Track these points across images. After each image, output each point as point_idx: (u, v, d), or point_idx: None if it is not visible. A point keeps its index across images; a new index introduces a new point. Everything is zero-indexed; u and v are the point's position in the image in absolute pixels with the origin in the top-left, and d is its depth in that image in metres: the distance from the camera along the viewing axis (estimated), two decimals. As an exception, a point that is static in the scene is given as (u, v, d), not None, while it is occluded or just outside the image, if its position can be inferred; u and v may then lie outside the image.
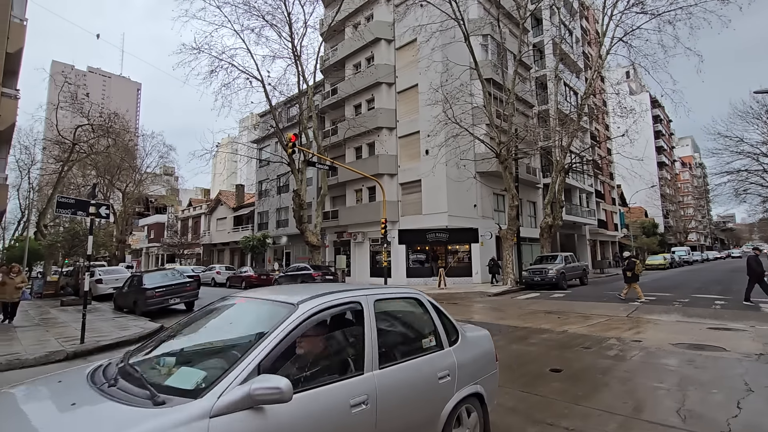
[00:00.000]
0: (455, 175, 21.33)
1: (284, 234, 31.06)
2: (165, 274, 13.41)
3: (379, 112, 23.98)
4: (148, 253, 54.49)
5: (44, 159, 29.28)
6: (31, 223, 37.15)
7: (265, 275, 23.80)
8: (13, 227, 47.78)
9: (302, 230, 22.37)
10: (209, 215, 43.50)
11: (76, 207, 7.62)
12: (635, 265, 13.74)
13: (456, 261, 23.17)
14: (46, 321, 11.09)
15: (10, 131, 14.46)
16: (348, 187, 26.38)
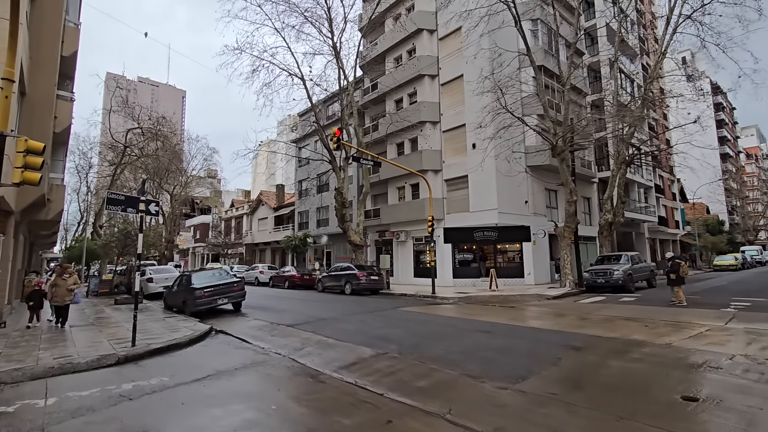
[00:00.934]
0: (505, 169, 20.01)
1: (325, 233, 30.81)
2: (212, 273, 13.22)
3: (422, 106, 23.05)
4: (194, 253, 56.46)
5: (100, 163, 30.65)
6: (89, 224, 39.33)
7: (308, 275, 23.51)
8: (74, 228, 51.00)
9: (344, 229, 21.89)
10: (251, 215, 44.28)
11: (126, 204, 7.30)
12: (680, 266, 12.27)
13: (505, 261, 21.83)
14: (100, 320, 11.08)
15: (66, 133, 14.82)
16: (390, 185, 25.64)
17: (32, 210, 12.79)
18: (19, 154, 6.12)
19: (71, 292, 9.84)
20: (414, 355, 6.43)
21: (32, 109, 10.83)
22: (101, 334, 8.83)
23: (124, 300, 15.20)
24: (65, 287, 9.64)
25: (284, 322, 10.42)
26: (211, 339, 8.68)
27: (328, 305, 14.14)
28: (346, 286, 18.46)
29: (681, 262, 12.61)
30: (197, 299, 11.64)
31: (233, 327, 10.06)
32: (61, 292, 9.59)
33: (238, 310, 13.05)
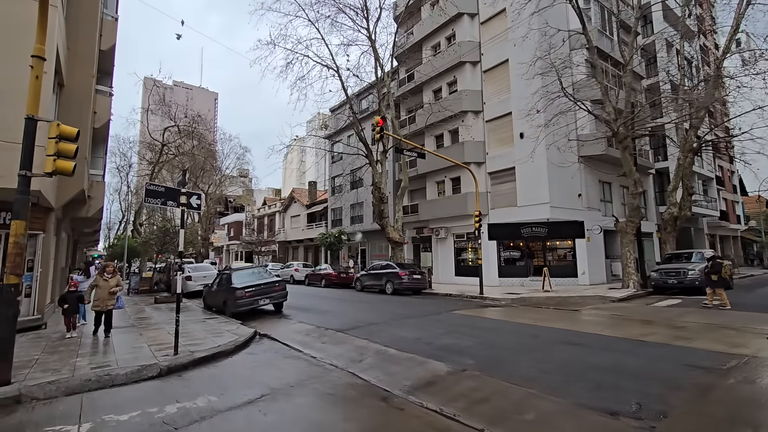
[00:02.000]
0: (557, 160, 18.46)
1: (359, 230, 30.03)
2: (251, 272, 12.56)
3: (463, 95, 21.72)
4: (228, 250, 57.29)
5: (139, 162, 31.13)
6: (129, 222, 40.41)
7: (344, 273, 22.76)
8: (116, 227, 52.81)
9: (383, 226, 20.95)
10: (283, 213, 44.19)
11: (165, 196, 6.58)
12: (722, 267, 11.37)
13: (556, 259, 20.25)
14: (141, 321, 10.60)
15: (105, 129, 14.57)
16: (428, 179, 24.46)
17: (73, 207, 12.53)
18: (51, 140, 5.45)
19: (114, 295, 8.37)
20: (500, 374, 5.33)
21: (70, 101, 10.43)
22: (141, 338, 8.23)
23: (164, 299, 14.87)
24: (107, 289, 8.22)
25: (331, 326, 9.55)
26: (257, 345, 7.90)
27: (374, 307, 13.21)
28: (387, 286, 17.52)
29: (723, 263, 12.00)
30: (238, 300, 10.97)
31: (278, 331, 9.28)
32: (103, 294, 8.22)
33: (280, 311, 12.35)
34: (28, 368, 5.89)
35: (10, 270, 5.11)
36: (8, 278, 5.10)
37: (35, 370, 5.80)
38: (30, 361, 6.30)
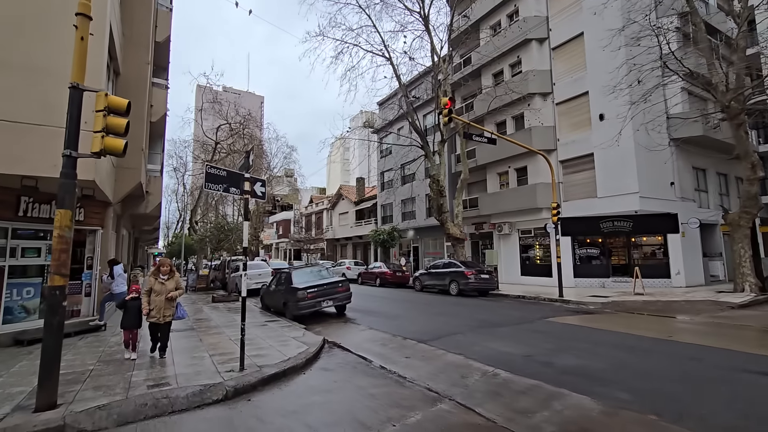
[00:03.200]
0: (647, 144, 16.04)
1: (411, 227, 28.66)
2: (311, 271, 11.57)
3: (530, 76, 19.65)
4: (277, 248, 58.13)
5: (193, 161, 31.72)
6: (186, 222, 41.75)
7: (400, 271, 21.53)
8: (174, 226, 55.19)
9: (442, 221, 19.44)
10: (331, 210, 43.80)
11: (227, 181, 5.56)
12: None
13: (642, 257, 17.74)
14: (200, 323, 9.88)
15: (162, 124, 14.23)
16: (489, 171, 22.59)
17: (131, 202, 12.17)
18: (99, 114, 4.52)
19: (172, 302, 6.30)
20: (686, 422, 3.73)
21: (127, 91, 9.89)
22: (201, 344, 7.36)
23: (222, 298, 14.34)
24: (164, 294, 6.17)
25: (407, 334, 8.25)
26: (328, 357, 6.75)
27: (446, 310, 11.78)
28: (451, 286, 16.01)
29: None
30: (300, 302, 9.98)
31: (347, 338, 8.12)
32: (159, 302, 6.16)
33: (343, 314, 11.28)
34: (80, 383, 5.07)
35: (54, 269, 4.23)
36: (52, 279, 4.23)
37: (87, 386, 4.95)
38: (83, 373, 5.51)
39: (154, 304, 6.17)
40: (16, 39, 6.49)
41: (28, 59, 6.51)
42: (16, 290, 7.54)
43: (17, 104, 6.32)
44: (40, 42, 6.61)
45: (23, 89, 6.40)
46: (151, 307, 6.16)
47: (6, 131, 6.19)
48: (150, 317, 6.18)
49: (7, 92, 6.28)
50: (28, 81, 6.43)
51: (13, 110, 6.28)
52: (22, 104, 6.35)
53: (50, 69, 6.56)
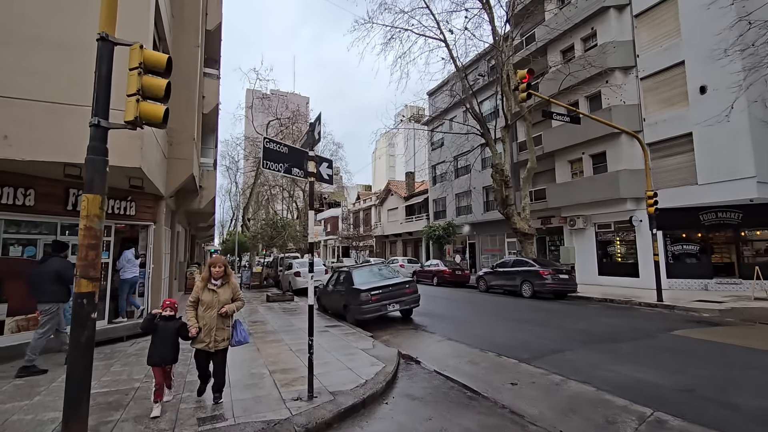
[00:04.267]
0: (763, 116, 13.31)
1: (467, 222, 26.89)
2: (371, 270, 10.39)
3: (608, 48, 17.21)
4: (326, 246, 58.29)
5: (245, 158, 31.98)
6: (239, 220, 42.69)
7: (459, 270, 19.96)
8: (228, 224, 57.06)
9: (507, 215, 17.61)
10: (379, 206, 42.84)
11: (289, 160, 4.43)
12: None
13: (754, 254, 14.90)
14: (255, 327, 9.02)
15: (214, 117, 13.71)
16: (558, 159, 20.36)
17: (185, 197, 11.66)
18: (133, 73, 3.51)
19: (228, 319, 4.36)
20: None
21: (176, 77, 9.19)
22: (259, 356, 6.38)
23: (276, 297, 13.63)
24: (216, 306, 4.21)
25: (498, 348, 6.81)
26: (409, 378, 5.49)
27: (529, 317, 10.15)
28: (523, 287, 14.25)
29: None
30: (363, 305, 8.83)
31: (424, 352, 6.83)
32: (210, 319, 4.20)
33: (409, 319, 10.02)
34: (121, 408, 4.16)
35: (81, 271, 3.28)
36: (78, 284, 3.27)
37: (128, 414, 4.02)
38: (127, 394, 4.63)
39: (203, 321, 4.15)
40: (50, 14, 5.79)
41: (64, 35, 5.79)
42: (67, 290, 6.98)
43: (54, 83, 5.62)
44: (76, 17, 5.87)
45: (60, 67, 5.68)
46: (200, 325, 4.15)
47: (42, 113, 5.49)
48: (197, 342, 4.15)
49: (42, 71, 5.58)
50: (65, 58, 5.71)
51: (50, 90, 5.57)
52: (59, 83, 5.64)
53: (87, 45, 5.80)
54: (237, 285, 4.53)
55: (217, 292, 4.24)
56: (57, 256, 5.86)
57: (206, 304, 4.19)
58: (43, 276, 5.54)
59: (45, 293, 5.51)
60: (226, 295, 4.28)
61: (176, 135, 8.95)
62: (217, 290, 4.25)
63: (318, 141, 4.53)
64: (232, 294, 4.36)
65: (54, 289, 5.56)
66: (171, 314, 4.25)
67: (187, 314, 4.21)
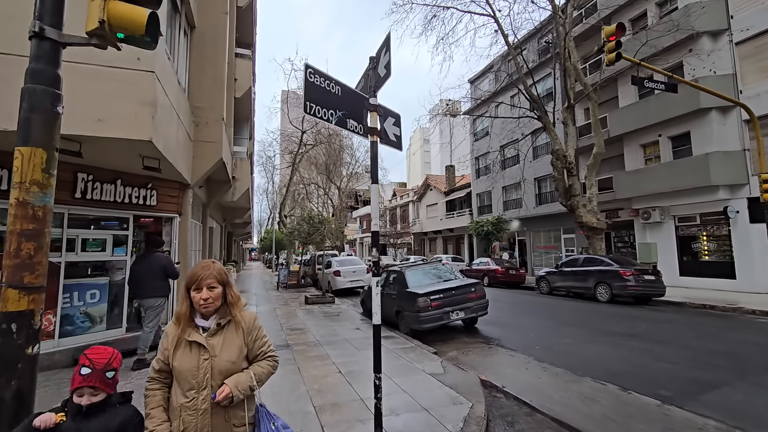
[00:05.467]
0: None
1: (516, 217, 24.69)
2: (423, 270, 8.80)
3: (694, 9, 14.63)
4: (361, 243, 57.35)
5: (281, 154, 31.34)
6: (275, 218, 42.45)
7: (513, 269, 18.00)
8: (265, 223, 57.43)
9: (572, 207, 15.49)
10: (417, 202, 41.14)
11: (341, 105, 2.92)
12: None
13: None
14: (296, 337, 7.71)
15: (247, 102, 12.62)
16: (627, 143, 17.90)
17: (216, 188, 10.59)
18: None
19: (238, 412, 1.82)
20: None
21: (202, 49, 8.04)
22: (301, 380, 4.99)
23: (316, 298, 12.37)
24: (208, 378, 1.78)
25: (609, 375, 5.08)
26: (506, 423, 3.89)
27: (624, 328, 8.23)
28: (598, 289, 12.20)
29: None
30: (421, 312, 7.29)
31: (510, 377, 5.21)
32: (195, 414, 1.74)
33: (473, 327, 8.39)
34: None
35: (9, 276, 1.93)
36: (5, 297, 1.93)
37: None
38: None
39: (182, 422, 1.75)
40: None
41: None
42: (77, 293, 5.93)
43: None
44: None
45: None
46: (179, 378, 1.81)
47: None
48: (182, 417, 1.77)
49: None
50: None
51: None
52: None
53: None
54: (255, 321, 2.01)
55: (209, 346, 1.82)
56: (157, 252, 5.93)
57: (185, 377, 1.78)
58: (146, 272, 5.60)
59: (150, 289, 5.59)
60: (230, 353, 1.85)
61: (203, 114, 7.78)
62: (209, 342, 1.83)
63: (386, 78, 3.02)
64: (246, 346, 1.93)
65: (159, 284, 5.68)
66: (95, 401, 1.70)
67: (147, 404, 1.84)
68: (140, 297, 5.64)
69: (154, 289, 5.62)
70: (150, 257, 5.78)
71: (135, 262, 5.86)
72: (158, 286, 5.68)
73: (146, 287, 5.61)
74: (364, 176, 48.51)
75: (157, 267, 5.68)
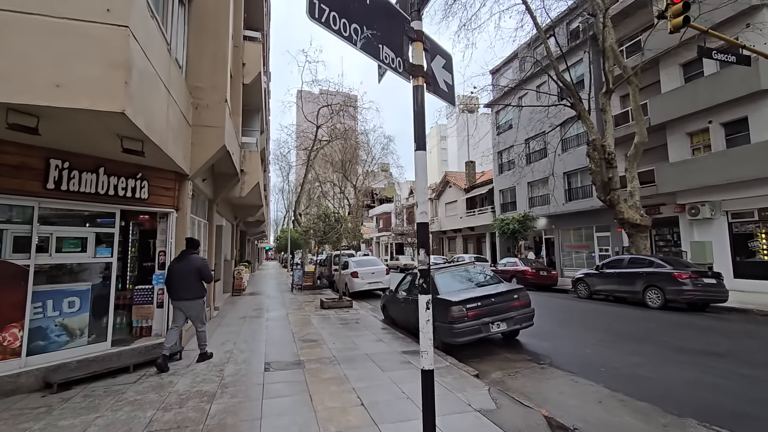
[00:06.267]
0: None
1: (543, 214, 23.21)
2: (459, 273, 7.60)
3: (753, -20, 13.05)
4: (378, 243, 56.35)
5: (297, 152, 30.52)
6: (291, 217, 41.79)
7: (545, 270, 16.64)
8: (281, 222, 57.00)
9: (612, 202, 14.07)
10: (436, 200, 39.82)
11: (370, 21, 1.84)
12: None
13: None
14: (308, 350, 6.67)
15: (257, 89, 11.66)
16: (671, 132, 16.33)
17: (223, 182, 9.67)
18: None
19: None
20: None
21: (202, 22, 7.07)
22: (313, 415, 3.93)
23: (332, 303, 11.34)
24: None
25: (722, 417, 3.83)
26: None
27: (705, 344, 6.91)
28: (647, 294, 10.81)
29: None
30: (455, 324, 6.14)
31: (580, 413, 4.03)
32: None
33: (514, 340, 7.22)
34: None
35: None
36: None
37: None
38: None
39: None
40: None
41: None
42: (52, 302, 5.02)
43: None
44: None
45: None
46: None
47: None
48: None
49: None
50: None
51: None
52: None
53: None
54: None
55: None
56: (194, 253, 5.98)
57: None
58: (186, 274, 5.71)
59: (189, 291, 5.73)
60: None
61: (202, 95, 6.81)
62: None
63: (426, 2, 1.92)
64: None
65: (197, 285, 5.82)
66: None
67: None
68: (180, 298, 5.67)
69: (194, 291, 5.74)
70: (187, 259, 5.80)
71: (173, 264, 5.88)
72: (197, 287, 5.80)
73: (186, 289, 5.70)
74: (380, 174, 47.48)
75: (194, 269, 5.75)
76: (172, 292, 5.71)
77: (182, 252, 5.99)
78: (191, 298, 5.72)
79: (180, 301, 5.68)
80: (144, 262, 6.66)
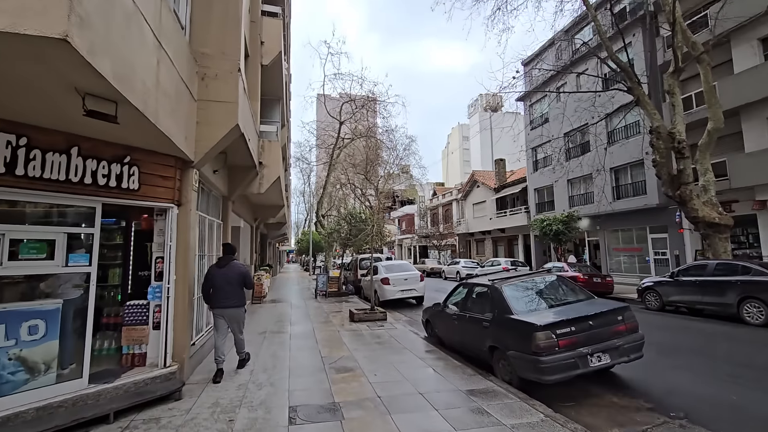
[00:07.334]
0: None
1: (585, 215, 21.15)
2: (534, 285, 5.96)
3: None
4: (400, 245, 54.79)
5: (318, 147, 29.36)
6: (312, 219, 40.81)
7: (598, 277, 14.74)
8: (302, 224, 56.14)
9: (682, 198, 12.11)
10: (462, 201, 37.98)
11: None
12: None
13: None
14: (343, 383, 5.18)
15: (277, 73, 10.35)
16: (746, 117, 14.22)
17: (239, 176, 8.34)
18: None
19: None
20: None
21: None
22: None
23: (364, 315, 9.85)
24: None
25: None
26: None
27: None
28: (744, 307, 8.90)
29: None
30: (543, 356, 4.54)
31: None
32: None
33: (607, 371, 5.55)
34: None
35: None
36: None
37: None
38: None
39: None
40: None
41: None
42: (4, 327, 3.70)
43: None
44: None
45: None
46: None
47: None
48: None
49: None
50: None
51: None
52: None
53: None
54: None
55: None
56: (234, 260, 5.71)
57: None
58: (230, 280, 5.44)
59: (234, 297, 5.48)
60: None
61: (211, 63, 5.47)
62: None
63: None
64: None
65: (241, 293, 5.59)
66: None
67: None
68: (224, 306, 5.38)
69: (239, 298, 5.51)
70: (230, 265, 5.53)
71: (214, 269, 5.53)
72: (240, 294, 5.58)
73: (231, 296, 5.43)
74: (401, 176, 45.94)
75: (238, 275, 5.51)
76: (213, 300, 5.39)
77: (222, 257, 5.69)
78: (236, 305, 5.48)
79: (224, 309, 5.38)
80: (138, 271, 5.35)
